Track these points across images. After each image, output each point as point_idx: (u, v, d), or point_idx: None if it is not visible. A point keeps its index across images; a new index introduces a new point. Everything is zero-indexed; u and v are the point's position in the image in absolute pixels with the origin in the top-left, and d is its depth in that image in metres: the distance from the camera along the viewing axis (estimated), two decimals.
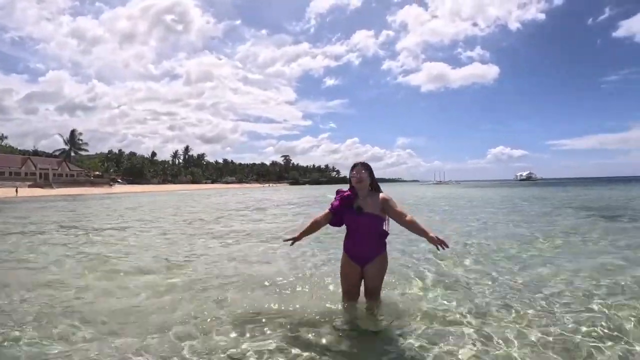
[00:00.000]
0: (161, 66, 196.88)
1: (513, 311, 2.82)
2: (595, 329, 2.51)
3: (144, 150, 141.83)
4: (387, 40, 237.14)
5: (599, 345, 2.29)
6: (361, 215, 2.75)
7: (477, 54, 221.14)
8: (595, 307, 2.89)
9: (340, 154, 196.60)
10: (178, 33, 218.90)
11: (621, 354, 2.19)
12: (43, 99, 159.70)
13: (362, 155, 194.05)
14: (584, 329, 2.50)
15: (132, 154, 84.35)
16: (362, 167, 2.85)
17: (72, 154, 65.33)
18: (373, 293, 2.83)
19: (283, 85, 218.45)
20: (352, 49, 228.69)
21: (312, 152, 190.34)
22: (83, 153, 69.09)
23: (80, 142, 67.38)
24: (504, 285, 3.52)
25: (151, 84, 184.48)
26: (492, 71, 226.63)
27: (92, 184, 56.86)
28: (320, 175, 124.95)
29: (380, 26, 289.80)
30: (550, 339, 2.36)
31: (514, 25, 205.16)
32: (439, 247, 2.42)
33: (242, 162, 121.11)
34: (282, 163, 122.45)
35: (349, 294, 2.91)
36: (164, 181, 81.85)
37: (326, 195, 24.58)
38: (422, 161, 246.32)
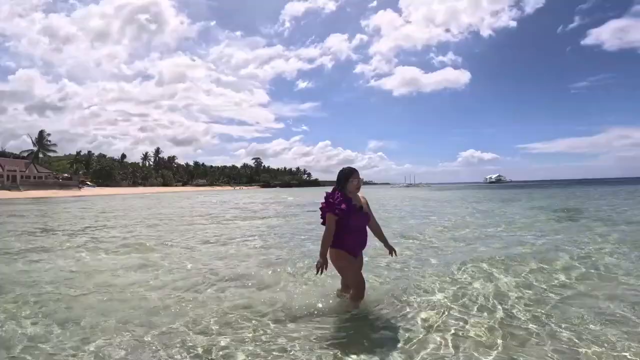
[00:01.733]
0: (134, 66, 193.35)
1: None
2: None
3: (114, 152, 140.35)
4: (361, 44, 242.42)
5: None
6: (364, 213, 3.16)
7: (449, 59, 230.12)
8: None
9: (312, 156, 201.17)
10: (152, 33, 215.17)
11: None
12: (12, 99, 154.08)
13: (333, 159, 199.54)
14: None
15: (102, 156, 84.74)
16: (359, 175, 3.26)
17: (40, 155, 65.37)
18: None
19: (256, 88, 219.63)
20: (325, 52, 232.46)
21: (284, 154, 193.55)
22: (51, 154, 69.26)
23: (48, 143, 67.51)
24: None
25: (123, 84, 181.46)
26: (464, 76, 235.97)
27: (61, 186, 57.33)
28: (291, 178, 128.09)
29: (354, 30, 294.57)
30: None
31: (486, 32, 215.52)
32: (392, 254, 3.26)
33: (214, 165, 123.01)
34: (253, 166, 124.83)
35: (346, 288, 3.30)
36: (134, 183, 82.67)
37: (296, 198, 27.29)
38: (394, 164, 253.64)
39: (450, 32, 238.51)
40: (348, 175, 3.15)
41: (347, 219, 3.00)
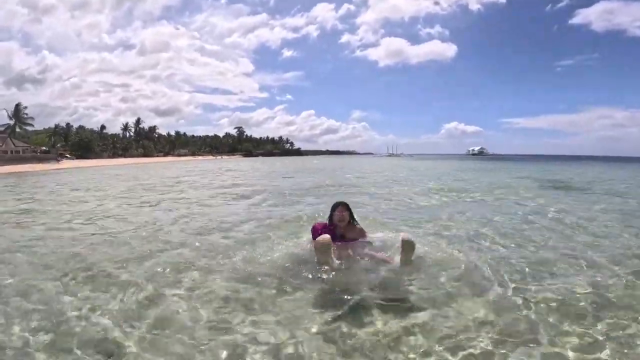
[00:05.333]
0: (115, 36, 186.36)
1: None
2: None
3: (95, 124, 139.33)
4: (348, 13, 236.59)
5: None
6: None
7: (436, 31, 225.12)
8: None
9: (296, 125, 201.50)
10: (134, 1, 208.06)
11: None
12: None
13: (317, 128, 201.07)
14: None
15: (81, 128, 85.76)
16: (344, 208, 3.96)
17: (18, 129, 65.87)
18: None
19: (241, 57, 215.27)
20: (311, 21, 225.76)
21: (267, 124, 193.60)
22: (29, 128, 69.87)
23: (25, 116, 67.96)
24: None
25: (105, 54, 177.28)
26: (450, 50, 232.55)
27: (39, 160, 58.18)
28: (274, 147, 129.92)
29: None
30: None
31: (474, 7, 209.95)
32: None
33: (196, 135, 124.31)
34: (236, 135, 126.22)
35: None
36: (114, 155, 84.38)
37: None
38: (377, 135, 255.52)
39: (439, 4, 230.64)
40: (332, 208, 4.03)
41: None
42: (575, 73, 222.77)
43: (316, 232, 3.92)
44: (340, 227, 3.96)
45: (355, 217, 4.14)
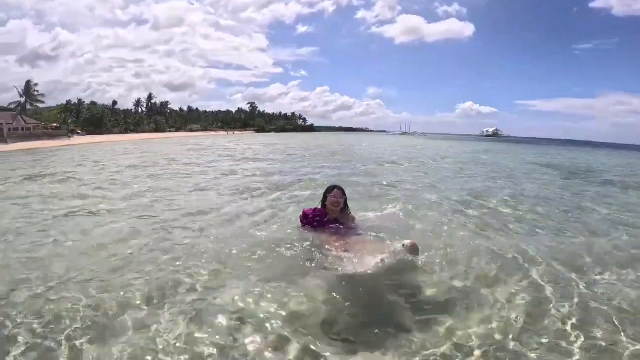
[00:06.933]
0: (129, 11, 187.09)
1: None
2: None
3: (108, 99, 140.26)
4: None
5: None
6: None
7: (454, 9, 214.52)
8: None
9: (310, 102, 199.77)
10: None
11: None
12: (3, 51, 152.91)
13: (331, 104, 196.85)
14: None
15: (93, 104, 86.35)
16: (340, 192, 3.61)
17: (29, 106, 66.64)
18: None
19: (255, 32, 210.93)
20: None
21: (281, 99, 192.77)
22: (40, 105, 70.52)
23: (36, 93, 68.76)
24: None
25: (118, 30, 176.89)
26: (468, 29, 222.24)
27: (50, 136, 59.28)
28: (286, 123, 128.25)
29: None
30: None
31: None
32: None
33: (208, 110, 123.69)
34: (248, 110, 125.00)
35: None
36: (126, 130, 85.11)
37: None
38: (392, 112, 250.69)
39: None
40: (326, 192, 3.66)
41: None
42: (593, 57, 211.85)
43: (306, 218, 3.64)
44: (334, 213, 3.60)
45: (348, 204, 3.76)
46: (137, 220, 5.34)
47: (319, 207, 3.72)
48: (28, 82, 68.10)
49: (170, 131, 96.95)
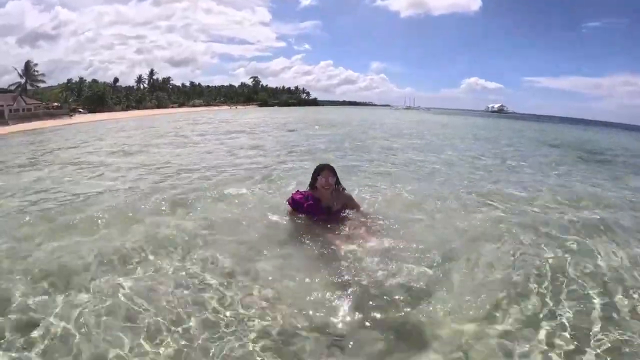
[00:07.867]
0: None
1: None
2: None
3: (109, 77, 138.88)
4: None
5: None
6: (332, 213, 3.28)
7: None
8: None
9: (313, 75, 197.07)
10: None
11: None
12: (3, 32, 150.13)
13: (334, 78, 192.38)
14: None
15: (94, 82, 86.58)
16: (330, 172, 3.28)
17: (29, 87, 66.28)
18: None
19: (257, 6, 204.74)
20: None
21: (284, 73, 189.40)
22: (41, 85, 69.97)
23: (36, 73, 68.54)
24: None
25: (119, 6, 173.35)
26: (475, 2, 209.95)
27: (51, 116, 59.20)
28: (289, 97, 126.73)
29: None
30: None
31: None
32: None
33: (210, 85, 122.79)
34: (251, 85, 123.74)
35: None
36: (128, 107, 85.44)
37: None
38: (395, 87, 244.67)
39: None
40: (315, 173, 3.31)
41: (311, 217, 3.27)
42: (602, 36, 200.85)
43: (295, 203, 3.36)
44: (325, 197, 3.31)
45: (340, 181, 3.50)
46: None
47: (308, 189, 3.42)
48: (27, 63, 67.83)
49: (172, 106, 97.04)
